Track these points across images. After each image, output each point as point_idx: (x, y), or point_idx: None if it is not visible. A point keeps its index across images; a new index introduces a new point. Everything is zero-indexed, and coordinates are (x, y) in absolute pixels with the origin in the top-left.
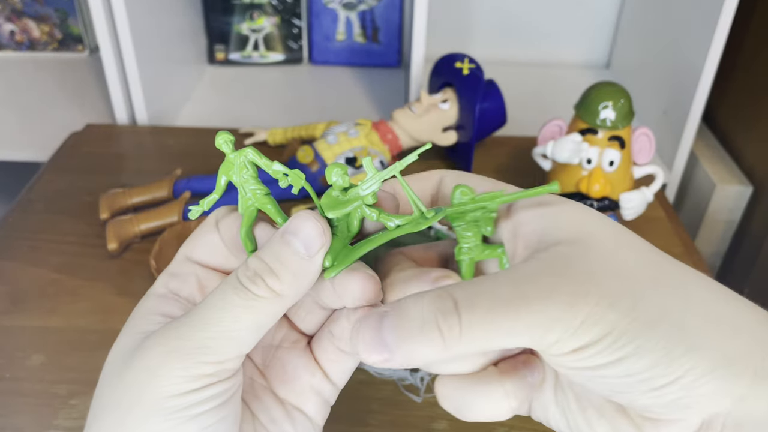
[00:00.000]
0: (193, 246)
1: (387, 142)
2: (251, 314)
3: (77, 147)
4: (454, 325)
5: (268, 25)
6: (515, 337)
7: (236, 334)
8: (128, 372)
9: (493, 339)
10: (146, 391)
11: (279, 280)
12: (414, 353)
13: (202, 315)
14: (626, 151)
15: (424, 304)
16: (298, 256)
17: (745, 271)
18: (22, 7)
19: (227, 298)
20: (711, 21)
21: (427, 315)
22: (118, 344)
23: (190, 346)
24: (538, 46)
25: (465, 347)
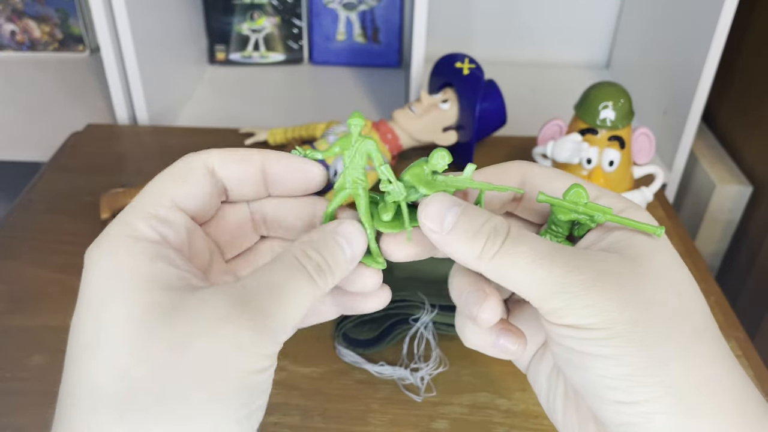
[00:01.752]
0: (183, 194)
1: (387, 142)
2: (311, 303)
3: (78, 147)
4: (496, 245)
5: (268, 25)
6: (529, 286)
7: (298, 318)
8: (196, 340)
9: (513, 276)
10: (233, 365)
11: (334, 277)
12: (455, 245)
13: (275, 296)
14: (626, 151)
15: (488, 219)
16: (345, 260)
17: (744, 271)
18: (23, 7)
19: (299, 285)
20: (711, 21)
21: (485, 227)
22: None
23: (272, 325)
24: (538, 46)
25: (491, 268)
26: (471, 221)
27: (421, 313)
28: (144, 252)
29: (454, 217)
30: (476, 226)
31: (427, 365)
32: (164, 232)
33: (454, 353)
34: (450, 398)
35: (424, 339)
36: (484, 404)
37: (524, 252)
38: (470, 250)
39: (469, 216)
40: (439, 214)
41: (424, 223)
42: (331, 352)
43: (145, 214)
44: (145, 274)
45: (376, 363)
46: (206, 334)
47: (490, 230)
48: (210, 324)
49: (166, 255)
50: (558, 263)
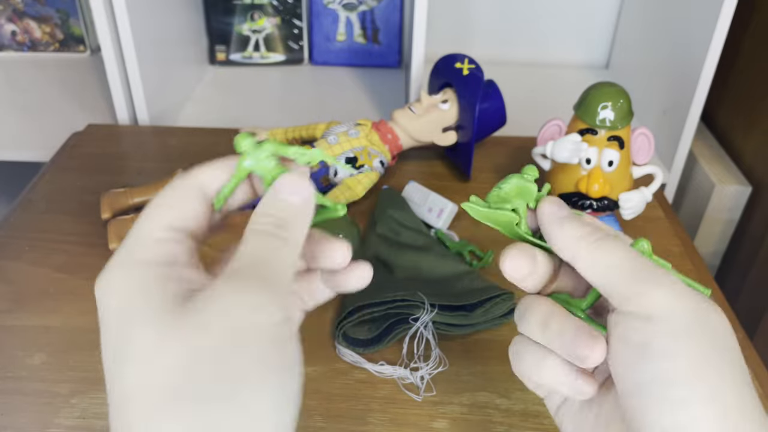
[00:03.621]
0: (178, 218)
1: (387, 142)
2: (288, 255)
3: (79, 147)
4: (597, 234)
5: (268, 25)
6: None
7: (287, 272)
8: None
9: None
10: (255, 324)
11: (295, 228)
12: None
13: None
14: (625, 151)
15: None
16: (296, 208)
17: (744, 271)
18: (24, 7)
19: (270, 243)
20: (710, 21)
21: (590, 224)
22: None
23: (271, 281)
24: (538, 46)
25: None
26: (580, 217)
27: (421, 313)
28: (155, 273)
29: (568, 211)
30: (584, 220)
31: (426, 365)
32: (172, 253)
33: (454, 353)
34: (450, 398)
35: (424, 339)
36: (484, 404)
37: (619, 246)
38: (577, 232)
39: (578, 216)
40: (559, 204)
41: (544, 207)
42: (331, 351)
43: (152, 238)
44: (160, 288)
45: (376, 362)
46: (223, 309)
47: (593, 225)
48: (222, 301)
49: (172, 273)
50: (645, 261)
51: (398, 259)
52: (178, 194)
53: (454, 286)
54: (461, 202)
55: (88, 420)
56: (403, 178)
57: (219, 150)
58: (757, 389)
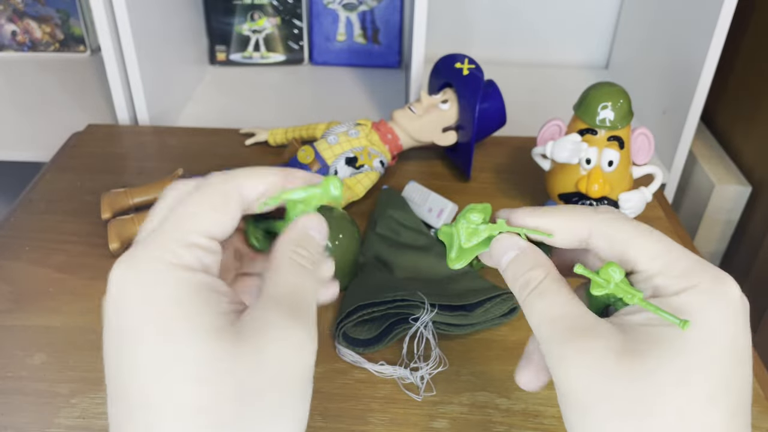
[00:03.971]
0: (218, 223)
1: (387, 143)
2: (317, 291)
3: (79, 147)
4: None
5: (268, 25)
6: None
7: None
8: (265, 351)
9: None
10: (297, 364)
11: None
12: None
13: (301, 296)
14: (625, 151)
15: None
16: (320, 246)
17: (743, 271)
18: (24, 7)
19: (309, 281)
20: (710, 21)
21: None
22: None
23: (311, 322)
24: (538, 47)
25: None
26: (516, 267)
27: (421, 313)
28: (195, 281)
29: (507, 260)
30: (519, 273)
31: (426, 365)
32: (206, 262)
33: (454, 353)
34: (450, 397)
35: (424, 338)
36: (484, 403)
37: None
38: (512, 288)
39: (516, 263)
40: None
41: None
42: (331, 351)
43: (187, 242)
44: (205, 301)
45: (376, 362)
46: (274, 340)
47: (524, 281)
48: (273, 333)
49: (212, 284)
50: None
51: (398, 259)
52: (219, 198)
53: (454, 286)
54: (461, 202)
55: (88, 420)
56: (403, 178)
57: (219, 150)
58: (757, 389)
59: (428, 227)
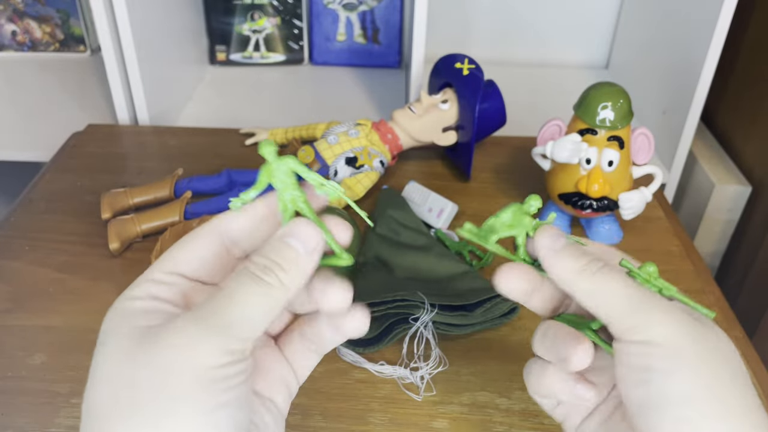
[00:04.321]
0: (183, 259)
1: (387, 142)
2: (266, 300)
3: (79, 147)
4: (598, 264)
5: (268, 25)
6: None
7: (254, 316)
8: (153, 350)
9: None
10: (183, 362)
11: (286, 273)
12: (564, 260)
13: (226, 298)
14: (625, 151)
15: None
16: (298, 254)
17: (743, 271)
18: (24, 7)
19: (247, 286)
20: (710, 21)
21: (588, 254)
22: (111, 346)
23: (221, 323)
24: (538, 47)
25: (591, 281)
26: (576, 247)
27: (421, 313)
28: (132, 306)
29: (565, 242)
30: (581, 251)
31: (427, 365)
32: (155, 293)
33: (454, 353)
34: (450, 397)
35: (424, 338)
36: (484, 403)
37: (618, 278)
38: (574, 266)
39: (574, 245)
40: (555, 236)
41: (540, 240)
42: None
43: (145, 279)
44: (129, 318)
45: (377, 362)
46: (167, 342)
47: (592, 256)
48: (170, 334)
49: (149, 306)
50: (644, 291)
51: (398, 259)
52: (191, 238)
53: (454, 286)
54: (461, 202)
55: None
56: (403, 178)
57: (219, 150)
58: (757, 389)
59: (428, 227)
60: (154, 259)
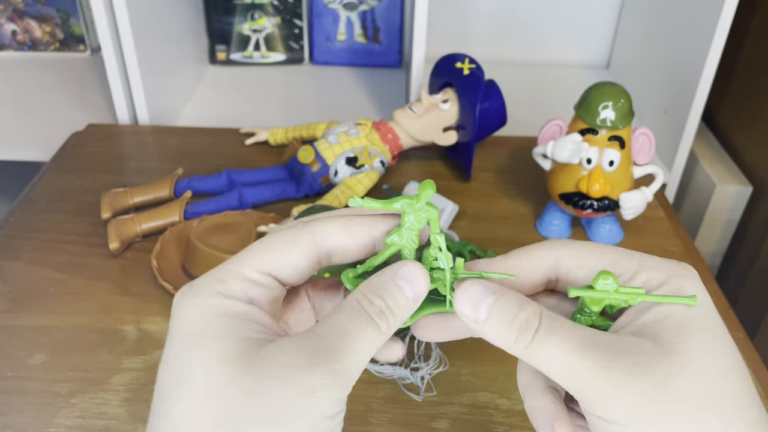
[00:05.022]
0: (279, 264)
1: (387, 142)
2: (375, 346)
3: (79, 147)
4: (528, 336)
5: (269, 25)
6: (563, 377)
7: (362, 362)
8: (269, 384)
9: (546, 366)
10: (305, 411)
11: (396, 319)
12: (490, 334)
13: (343, 341)
14: (626, 151)
15: (521, 309)
16: (407, 300)
17: (744, 271)
18: (24, 7)
19: (364, 331)
20: (711, 21)
21: (518, 318)
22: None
23: (340, 370)
24: (538, 46)
25: (527, 357)
26: (505, 312)
27: None
28: (230, 308)
29: (487, 308)
30: (510, 317)
31: (427, 365)
32: (252, 295)
33: (454, 353)
34: (450, 398)
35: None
36: (484, 404)
37: (556, 344)
38: (504, 341)
39: (503, 306)
40: (475, 303)
41: (460, 311)
42: None
43: (240, 275)
44: (228, 326)
45: (377, 362)
46: (280, 378)
47: (522, 322)
48: (283, 369)
49: (249, 312)
50: (588, 358)
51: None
52: (286, 240)
53: None
54: (461, 202)
55: (88, 420)
56: (404, 178)
57: (219, 150)
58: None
59: None
60: (153, 260)
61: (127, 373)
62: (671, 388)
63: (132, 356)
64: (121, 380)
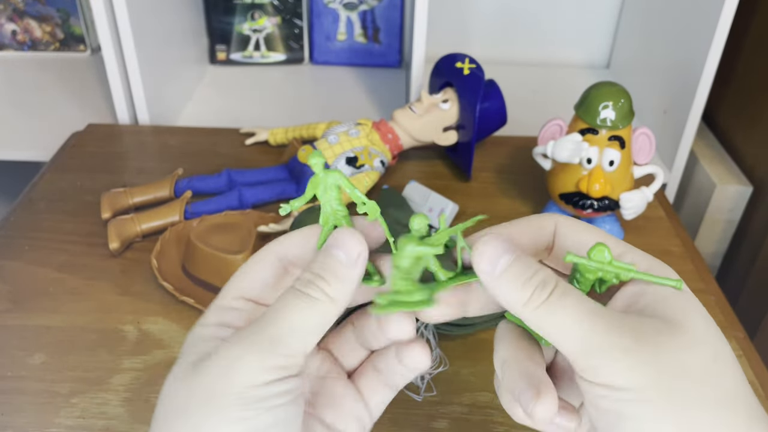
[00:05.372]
0: (247, 285)
1: (387, 142)
2: (311, 314)
3: (79, 147)
4: (543, 296)
5: (269, 25)
6: (569, 340)
7: (301, 330)
8: (202, 371)
9: (554, 328)
10: (226, 383)
11: (329, 284)
12: (504, 289)
13: (270, 316)
14: (626, 151)
15: (539, 270)
16: (341, 264)
17: (744, 271)
18: (24, 7)
19: (290, 301)
20: (711, 21)
21: (535, 278)
22: (177, 369)
23: (262, 339)
24: (538, 46)
25: (534, 317)
26: (523, 270)
27: None
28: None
29: (506, 263)
30: (527, 275)
31: None
32: (224, 318)
33: (454, 353)
34: (450, 398)
35: (425, 338)
36: (485, 404)
37: (569, 306)
38: (518, 297)
39: (522, 264)
40: (494, 257)
41: (478, 263)
42: None
43: (215, 306)
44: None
45: None
46: (213, 363)
47: (539, 281)
48: (217, 356)
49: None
50: (600, 323)
51: None
52: (253, 262)
53: None
54: (462, 202)
55: (88, 420)
56: (404, 178)
57: (219, 150)
58: (758, 390)
59: (429, 227)
60: (153, 260)
61: (127, 373)
62: (679, 360)
63: (132, 356)
64: (121, 380)
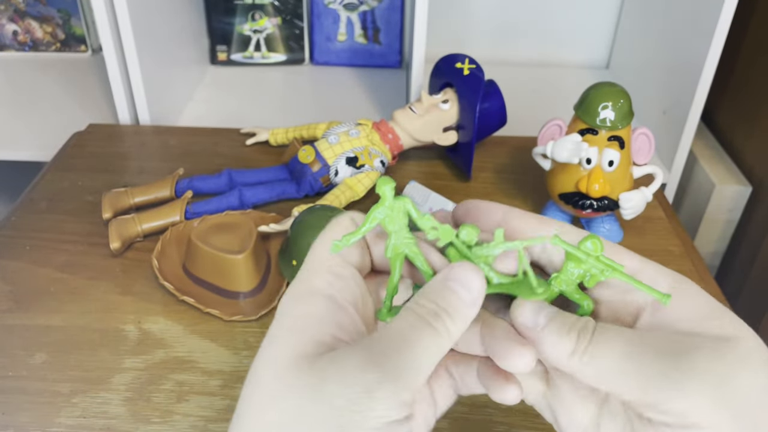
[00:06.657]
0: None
1: (388, 142)
2: (435, 348)
3: (80, 147)
4: (587, 338)
5: (269, 25)
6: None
7: (424, 364)
8: (328, 390)
9: (606, 369)
10: (364, 416)
11: (453, 321)
12: (550, 339)
13: (398, 342)
14: (626, 151)
15: (578, 318)
16: (463, 302)
17: (744, 271)
18: (25, 7)
19: (419, 330)
20: (711, 21)
21: (578, 324)
22: (287, 346)
23: (398, 371)
24: (538, 46)
25: (585, 362)
26: (564, 318)
27: None
28: (314, 307)
29: (546, 317)
30: (569, 323)
31: None
32: (338, 286)
33: None
34: None
35: None
36: (484, 403)
37: (615, 339)
38: (564, 346)
39: (562, 316)
40: (533, 313)
41: (517, 320)
42: None
43: (322, 269)
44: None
45: None
46: (338, 380)
47: (581, 326)
48: (342, 372)
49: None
50: (649, 353)
51: None
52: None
53: None
54: (461, 202)
55: (89, 419)
56: (404, 178)
57: (220, 150)
58: None
59: None
60: (154, 260)
61: (127, 372)
62: (738, 383)
63: (133, 356)
64: (122, 380)
